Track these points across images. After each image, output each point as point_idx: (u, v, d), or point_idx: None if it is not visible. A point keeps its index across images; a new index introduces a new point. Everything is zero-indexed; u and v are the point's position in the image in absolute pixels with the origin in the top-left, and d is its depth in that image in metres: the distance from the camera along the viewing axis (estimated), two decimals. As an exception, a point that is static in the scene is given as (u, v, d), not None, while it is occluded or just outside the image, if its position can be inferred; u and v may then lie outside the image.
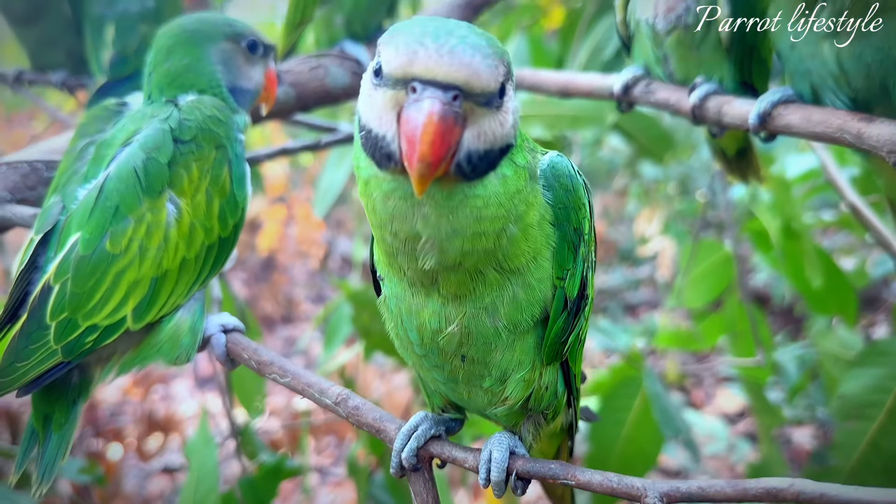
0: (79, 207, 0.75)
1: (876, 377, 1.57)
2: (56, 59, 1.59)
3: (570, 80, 1.10)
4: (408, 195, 0.55)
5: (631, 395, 1.85)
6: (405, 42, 0.52)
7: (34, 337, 0.73)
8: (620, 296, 5.85)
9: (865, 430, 1.53)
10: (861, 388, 1.57)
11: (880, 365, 1.56)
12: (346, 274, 6.27)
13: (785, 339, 4.42)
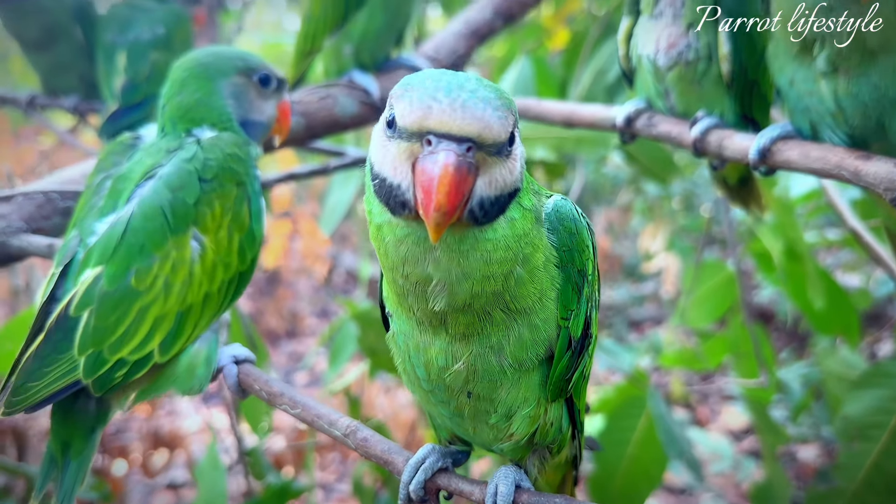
0: (99, 241, 0.77)
1: (879, 398, 1.57)
2: (68, 84, 1.63)
3: (573, 110, 1.13)
4: (420, 240, 0.57)
5: (635, 414, 1.86)
6: (419, 97, 0.54)
7: (48, 360, 0.75)
8: (625, 312, 5.85)
9: (869, 452, 1.54)
10: (864, 409, 1.58)
11: (883, 386, 1.57)
12: (350, 289, 6.29)
13: (790, 356, 4.42)
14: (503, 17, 1.41)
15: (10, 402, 0.73)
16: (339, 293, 6.50)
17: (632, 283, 6.45)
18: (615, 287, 6.34)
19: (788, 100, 0.87)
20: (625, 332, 5.59)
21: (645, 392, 1.84)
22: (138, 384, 0.79)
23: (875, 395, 1.59)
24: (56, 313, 0.75)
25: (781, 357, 4.69)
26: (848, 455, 1.55)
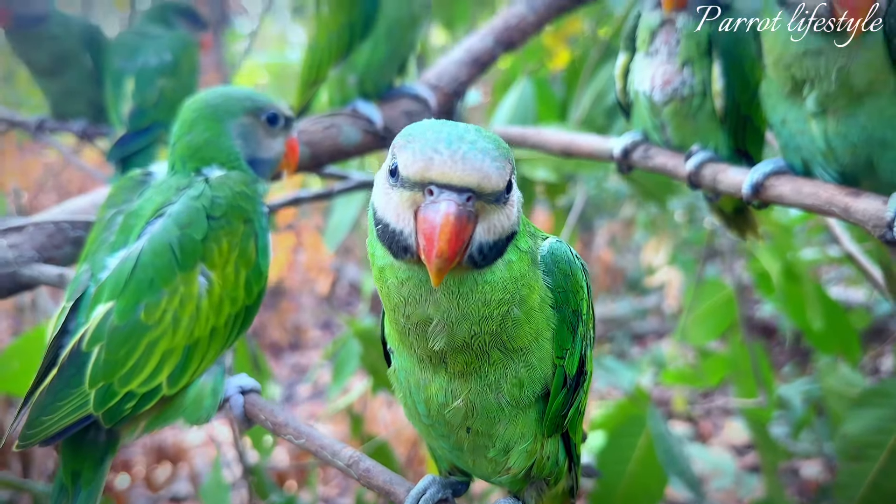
0: (110, 277, 0.79)
1: (878, 418, 1.59)
2: (76, 108, 1.66)
3: (572, 140, 1.15)
4: (422, 282, 0.59)
5: (636, 432, 1.88)
6: (421, 148, 0.56)
7: (61, 394, 0.77)
8: (628, 325, 5.84)
9: (867, 471, 1.54)
10: (863, 428, 1.59)
11: (882, 406, 1.58)
12: (353, 301, 6.31)
13: (792, 371, 4.43)
14: (504, 45, 1.44)
15: (24, 436, 0.76)
16: (342, 305, 6.52)
17: (634, 297, 6.44)
18: (617, 300, 6.34)
19: (781, 137, 0.90)
20: (627, 345, 5.59)
21: (645, 410, 1.86)
22: (147, 415, 0.81)
23: (874, 414, 1.60)
24: (69, 348, 0.77)
25: (784, 371, 4.70)
26: (847, 473, 1.56)
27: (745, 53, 0.92)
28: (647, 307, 5.89)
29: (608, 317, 5.97)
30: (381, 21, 1.22)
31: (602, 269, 7.26)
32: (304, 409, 3.86)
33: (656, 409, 1.89)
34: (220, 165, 0.86)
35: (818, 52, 0.79)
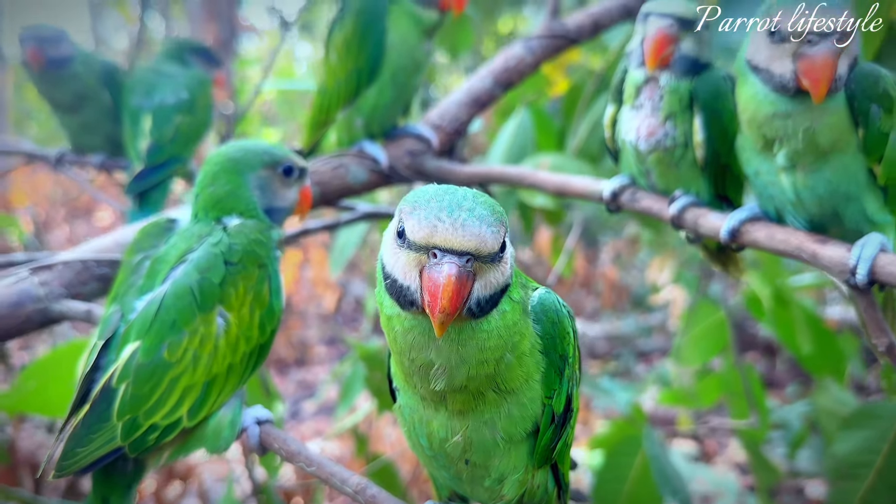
0: (137, 318, 0.87)
1: (866, 439, 1.64)
2: (95, 142, 1.73)
3: (565, 182, 1.22)
4: (426, 331, 0.66)
5: (632, 452, 1.93)
6: (426, 216, 0.63)
7: (93, 428, 0.84)
8: (633, 343, 5.87)
9: (857, 490, 1.60)
10: (852, 448, 1.65)
11: (870, 427, 1.64)
12: (358, 317, 6.37)
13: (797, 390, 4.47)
14: (502, 85, 1.51)
15: (60, 466, 0.82)
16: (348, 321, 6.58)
17: (640, 314, 6.47)
18: (623, 318, 6.37)
19: (755, 187, 0.97)
20: (632, 363, 5.62)
21: (641, 431, 1.91)
22: (170, 445, 0.88)
23: (863, 435, 1.66)
24: (101, 385, 0.85)
25: (788, 391, 4.74)
26: (837, 493, 1.61)
27: (724, 108, 0.99)
28: (652, 325, 5.93)
29: (613, 334, 6.01)
30: (386, 68, 1.30)
31: (607, 286, 7.30)
32: (309, 426, 3.92)
33: (652, 430, 1.95)
34: (239, 215, 0.93)
35: (786, 115, 0.86)
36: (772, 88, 0.86)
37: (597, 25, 1.65)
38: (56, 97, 1.65)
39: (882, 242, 0.87)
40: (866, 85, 0.86)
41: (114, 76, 1.68)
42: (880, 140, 0.87)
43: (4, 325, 1.08)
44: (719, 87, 1.00)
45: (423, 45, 1.33)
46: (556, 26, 1.59)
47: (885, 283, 0.86)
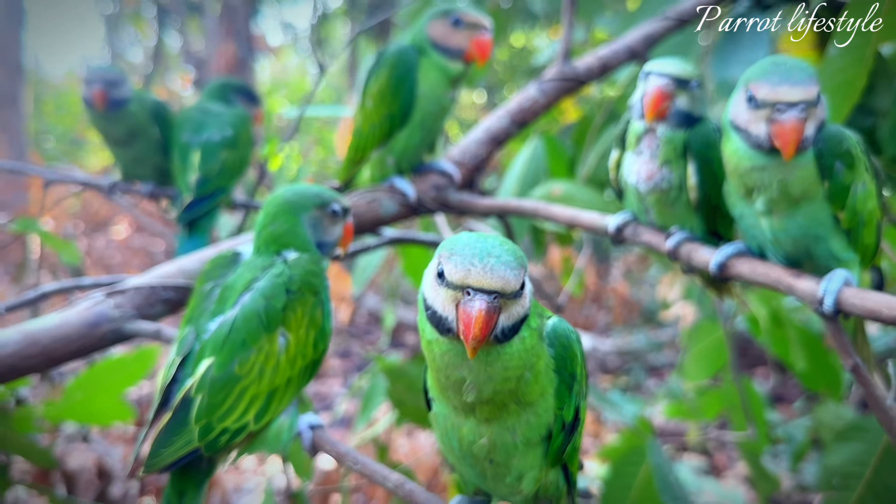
0: (211, 338, 1.02)
1: (856, 452, 1.77)
2: (144, 173, 1.89)
3: (575, 216, 1.37)
4: (460, 353, 0.81)
5: (637, 462, 2.06)
6: (462, 262, 0.78)
7: (174, 432, 0.99)
8: (644, 357, 5.96)
9: (848, 500, 1.72)
10: (843, 460, 1.77)
11: (860, 440, 1.77)
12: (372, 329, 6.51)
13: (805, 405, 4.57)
14: (518, 124, 1.67)
15: (148, 465, 0.98)
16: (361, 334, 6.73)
17: (650, 329, 6.57)
18: (634, 332, 6.47)
19: (740, 226, 1.12)
20: (643, 378, 5.72)
21: (646, 442, 2.05)
22: (238, 446, 1.03)
23: (853, 448, 1.78)
24: (181, 395, 1.00)
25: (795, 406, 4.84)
26: (829, 502, 1.74)
27: (714, 156, 1.14)
28: (662, 340, 6.03)
29: (625, 349, 6.12)
30: (416, 114, 1.46)
31: (618, 301, 7.40)
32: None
33: (656, 441, 2.08)
34: (295, 249, 1.09)
35: (762, 168, 1.01)
36: (750, 146, 1.01)
37: (605, 67, 1.80)
38: (112, 133, 1.81)
39: (846, 277, 1.02)
40: (831, 144, 1.00)
41: (162, 113, 1.85)
42: (843, 191, 1.01)
43: (84, 343, 1.24)
44: (710, 139, 1.15)
45: (449, 93, 1.49)
46: (568, 69, 1.74)
47: (848, 312, 1.01)
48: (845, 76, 1.60)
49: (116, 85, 1.73)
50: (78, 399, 1.95)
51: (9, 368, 1.19)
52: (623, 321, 6.84)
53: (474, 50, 1.47)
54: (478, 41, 1.46)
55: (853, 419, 2.15)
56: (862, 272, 1.10)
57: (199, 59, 10.65)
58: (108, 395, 1.94)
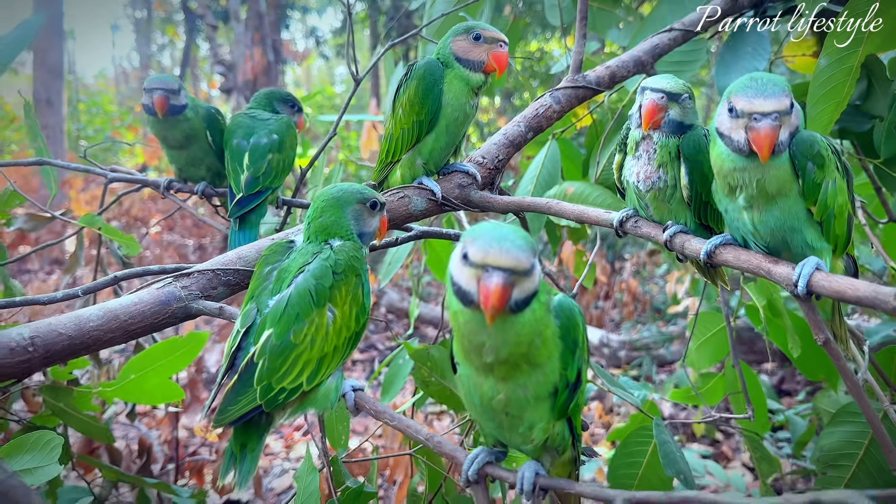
0: (270, 312, 1.21)
1: (849, 433, 1.91)
2: (198, 174, 2.10)
3: (583, 211, 1.54)
4: (481, 321, 0.98)
5: (645, 441, 2.21)
6: (482, 245, 0.95)
7: (240, 392, 1.18)
8: (654, 351, 6.10)
9: (842, 478, 1.86)
10: (836, 442, 1.92)
11: (852, 423, 1.91)
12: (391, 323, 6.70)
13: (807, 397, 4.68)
14: (533, 130, 1.84)
15: (217, 420, 1.16)
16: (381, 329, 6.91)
17: (661, 324, 6.69)
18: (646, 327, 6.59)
19: (725, 220, 1.28)
20: (653, 371, 5.86)
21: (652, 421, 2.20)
22: (292, 405, 1.21)
23: (846, 430, 1.93)
24: (246, 360, 1.19)
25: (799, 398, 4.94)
26: (823, 481, 1.88)
27: (704, 159, 1.30)
28: (672, 334, 6.16)
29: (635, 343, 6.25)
30: (442, 120, 1.64)
31: (629, 297, 7.52)
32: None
33: (661, 421, 2.24)
34: (340, 238, 1.28)
35: (743, 169, 1.17)
36: (732, 150, 1.17)
37: (614, 77, 1.96)
38: (170, 137, 2.02)
39: (818, 263, 1.17)
40: (804, 148, 1.16)
41: (214, 119, 2.05)
42: (815, 188, 1.17)
43: (156, 320, 1.43)
44: (699, 144, 1.31)
45: (471, 101, 1.66)
46: (579, 79, 1.91)
47: (818, 293, 1.17)
48: (834, 84, 1.75)
49: (175, 93, 1.93)
50: (131, 379, 2.12)
51: (93, 340, 1.39)
52: (633, 316, 6.98)
53: (493, 62, 1.64)
54: (496, 55, 1.64)
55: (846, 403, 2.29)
56: (835, 260, 1.26)
57: (227, 63, 10.94)
58: (160, 376, 2.11)
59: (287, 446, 5.40)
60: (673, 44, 2.06)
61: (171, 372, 2.10)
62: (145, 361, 2.07)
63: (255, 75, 9.49)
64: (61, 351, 1.37)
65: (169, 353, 2.08)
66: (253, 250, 1.53)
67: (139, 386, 2.10)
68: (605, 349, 6.20)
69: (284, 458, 5.18)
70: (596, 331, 6.49)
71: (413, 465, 2.44)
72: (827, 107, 1.75)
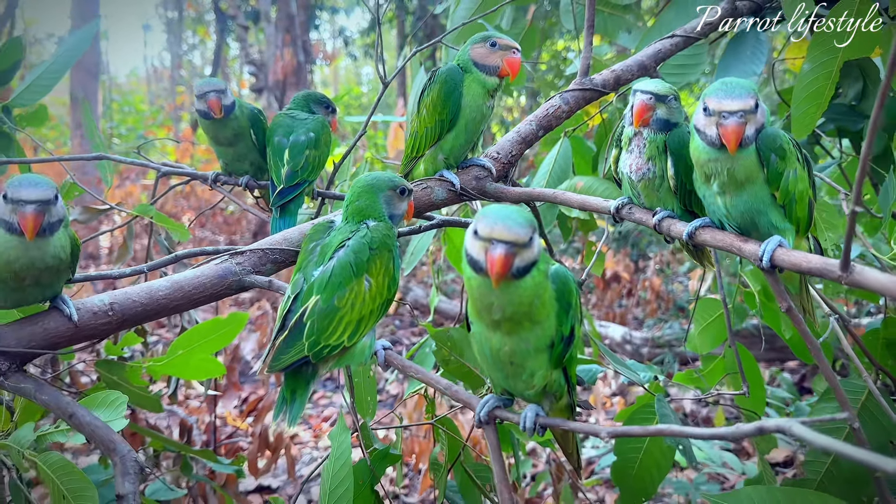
0: (316, 281, 1.43)
1: (836, 409, 2.08)
2: (242, 168, 2.33)
3: (585, 200, 1.75)
4: (488, 285, 1.19)
5: (650, 417, 2.40)
6: (489, 223, 1.16)
7: (290, 345, 1.40)
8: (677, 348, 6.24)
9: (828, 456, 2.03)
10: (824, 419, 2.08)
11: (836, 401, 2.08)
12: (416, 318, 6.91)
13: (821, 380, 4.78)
14: (544, 128, 2.04)
15: (270, 367, 1.39)
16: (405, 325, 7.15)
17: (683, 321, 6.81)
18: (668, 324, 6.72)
19: (704, 204, 1.48)
20: (675, 368, 6.00)
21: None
22: (335, 358, 1.43)
23: (833, 406, 2.10)
24: (295, 319, 1.41)
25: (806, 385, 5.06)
26: (813, 453, 2.06)
27: (686, 153, 1.49)
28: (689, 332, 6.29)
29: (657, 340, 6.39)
30: (461, 120, 1.86)
31: (652, 294, 7.65)
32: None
33: (664, 398, 2.43)
34: (374, 219, 1.50)
35: (716, 160, 1.37)
36: (706, 143, 1.37)
37: (619, 80, 2.16)
38: (220, 135, 2.26)
39: (780, 241, 1.37)
40: (768, 141, 1.36)
41: (257, 119, 2.29)
42: (778, 176, 1.37)
43: (215, 290, 1.68)
44: (683, 139, 1.51)
45: (487, 103, 1.88)
46: (587, 82, 2.11)
47: (780, 266, 1.36)
48: (816, 87, 1.94)
49: (224, 94, 2.17)
50: (178, 355, 2.33)
51: (162, 307, 1.63)
52: (657, 314, 7.11)
53: (507, 67, 1.86)
54: (510, 60, 1.86)
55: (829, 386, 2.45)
56: (799, 240, 1.46)
57: (258, 63, 11.28)
58: (204, 353, 2.33)
59: (315, 436, 5.66)
60: (675, 49, 2.24)
61: (214, 349, 2.30)
62: (191, 339, 2.28)
63: (285, 75, 9.81)
64: (135, 316, 1.62)
65: (212, 332, 2.27)
66: (296, 233, 1.77)
67: (185, 362, 2.30)
68: (628, 346, 6.37)
69: (313, 447, 5.44)
70: (619, 328, 6.65)
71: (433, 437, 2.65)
72: (809, 108, 1.94)
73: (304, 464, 5.12)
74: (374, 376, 2.41)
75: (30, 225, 1.34)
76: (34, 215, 1.34)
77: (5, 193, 1.34)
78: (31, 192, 1.34)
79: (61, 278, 1.50)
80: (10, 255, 1.37)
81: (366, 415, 2.34)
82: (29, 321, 1.52)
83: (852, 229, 1.10)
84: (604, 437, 1.21)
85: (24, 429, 1.93)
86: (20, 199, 1.34)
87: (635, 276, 8.22)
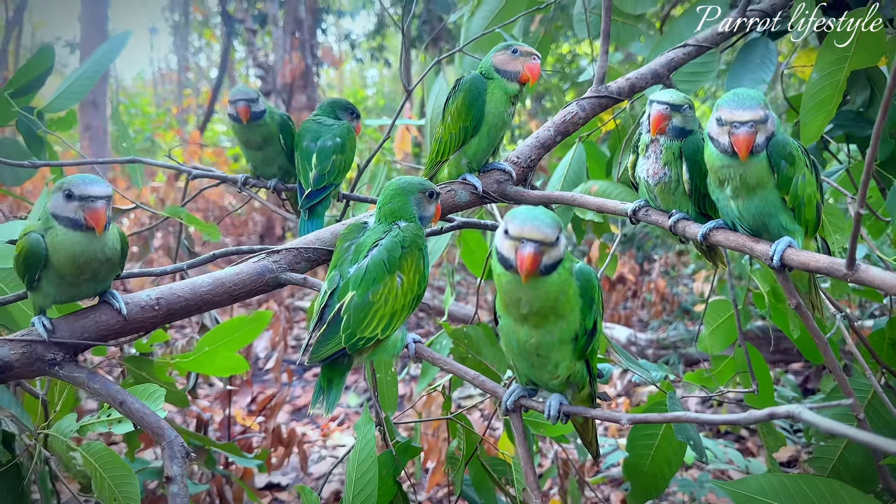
0: (352, 277, 1.52)
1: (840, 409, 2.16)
2: (271, 171, 2.43)
3: (602, 203, 1.84)
4: (517, 281, 1.28)
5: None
6: (519, 224, 1.25)
7: (328, 338, 1.48)
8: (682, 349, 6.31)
9: (836, 448, 2.10)
10: (831, 416, 2.16)
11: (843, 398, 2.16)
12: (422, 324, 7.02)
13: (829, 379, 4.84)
14: (561, 134, 2.13)
15: (312, 357, 1.48)
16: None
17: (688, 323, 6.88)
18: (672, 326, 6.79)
19: (718, 207, 1.57)
20: (680, 369, 6.07)
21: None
22: (369, 350, 1.52)
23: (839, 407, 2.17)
24: (333, 314, 1.50)
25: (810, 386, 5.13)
26: (820, 450, 2.13)
27: (701, 159, 1.58)
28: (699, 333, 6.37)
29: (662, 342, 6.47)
30: (484, 125, 1.95)
31: (657, 296, 7.72)
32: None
33: (675, 394, 2.51)
34: (405, 220, 1.59)
35: (728, 166, 1.46)
36: (719, 151, 1.46)
37: (633, 88, 2.25)
38: (250, 140, 2.35)
39: (790, 241, 1.46)
40: (778, 148, 1.45)
41: (286, 124, 2.38)
42: (787, 181, 1.46)
43: (254, 287, 1.77)
44: (698, 146, 1.60)
45: (508, 110, 1.98)
46: (602, 89, 2.20)
47: (790, 266, 1.45)
48: (823, 96, 2.03)
49: (255, 101, 2.27)
50: (205, 352, 2.41)
51: (204, 302, 1.73)
52: (661, 315, 7.19)
53: (527, 72, 1.95)
54: (530, 66, 1.95)
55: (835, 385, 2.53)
56: (808, 240, 1.55)
57: (265, 66, 11.40)
58: (229, 350, 2.41)
59: (324, 435, 5.75)
60: (687, 57, 2.33)
61: (239, 346, 2.38)
62: (217, 336, 2.36)
63: (292, 78, 9.92)
64: (179, 310, 1.71)
65: (237, 330, 2.36)
66: (328, 233, 1.86)
67: (210, 358, 2.38)
68: (633, 347, 6.44)
69: (322, 445, 5.52)
70: (624, 329, 6.73)
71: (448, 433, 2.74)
72: (817, 116, 2.02)
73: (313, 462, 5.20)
74: (394, 372, 2.50)
75: (101, 219, 1.43)
76: (104, 210, 1.44)
77: (69, 192, 1.43)
78: (99, 189, 1.44)
79: (113, 273, 1.59)
80: (75, 251, 1.47)
81: (388, 409, 2.43)
82: (81, 314, 1.61)
83: (857, 230, 1.19)
84: (624, 422, 1.30)
85: (67, 419, 2.03)
86: (90, 196, 1.43)
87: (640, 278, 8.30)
